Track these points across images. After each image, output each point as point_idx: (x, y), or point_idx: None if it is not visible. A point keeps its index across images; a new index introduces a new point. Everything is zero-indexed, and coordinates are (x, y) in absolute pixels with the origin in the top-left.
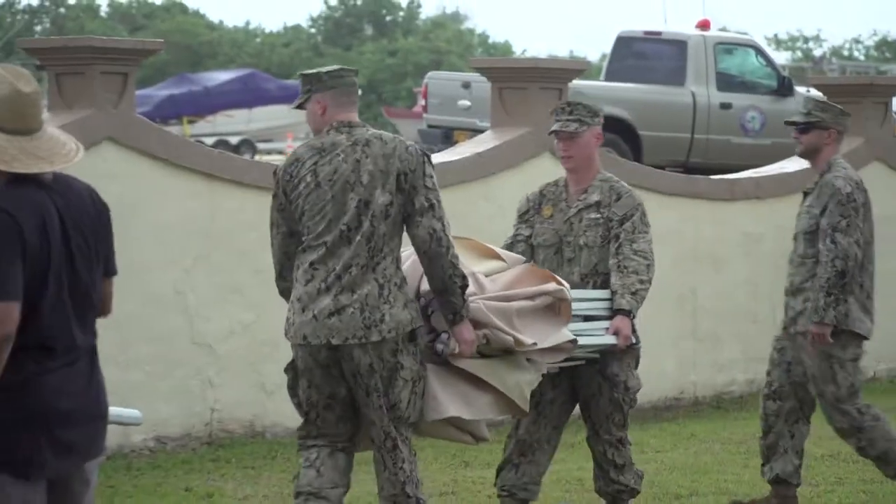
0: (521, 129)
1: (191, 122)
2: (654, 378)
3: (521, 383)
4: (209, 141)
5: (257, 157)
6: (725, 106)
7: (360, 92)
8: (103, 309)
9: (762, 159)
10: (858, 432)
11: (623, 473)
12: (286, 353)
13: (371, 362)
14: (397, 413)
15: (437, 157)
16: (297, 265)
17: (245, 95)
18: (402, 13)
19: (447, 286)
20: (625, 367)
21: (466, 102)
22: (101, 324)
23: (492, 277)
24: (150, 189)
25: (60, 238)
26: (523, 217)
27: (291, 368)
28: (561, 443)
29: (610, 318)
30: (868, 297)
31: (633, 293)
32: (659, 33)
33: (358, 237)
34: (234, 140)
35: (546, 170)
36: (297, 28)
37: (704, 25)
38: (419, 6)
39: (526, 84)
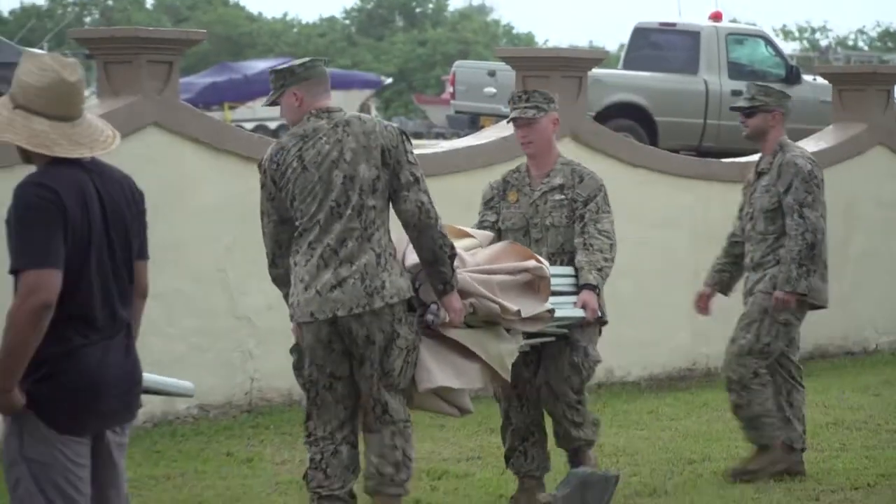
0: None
1: (231, 108)
2: (669, 350)
3: (502, 353)
4: (249, 126)
5: None
6: (736, 93)
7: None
8: (140, 291)
9: None
10: (742, 389)
11: (581, 429)
12: None
13: (367, 334)
14: (389, 380)
15: (465, 141)
16: (296, 250)
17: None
18: (431, 5)
19: (437, 256)
20: (587, 335)
21: (492, 90)
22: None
23: (471, 252)
24: (192, 171)
25: (100, 217)
26: (488, 204)
27: (297, 349)
28: None
29: (576, 293)
30: (825, 267)
31: (599, 269)
32: (674, 25)
33: (348, 211)
34: (272, 125)
35: (565, 154)
36: (331, 19)
37: (717, 17)
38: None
39: (548, 72)
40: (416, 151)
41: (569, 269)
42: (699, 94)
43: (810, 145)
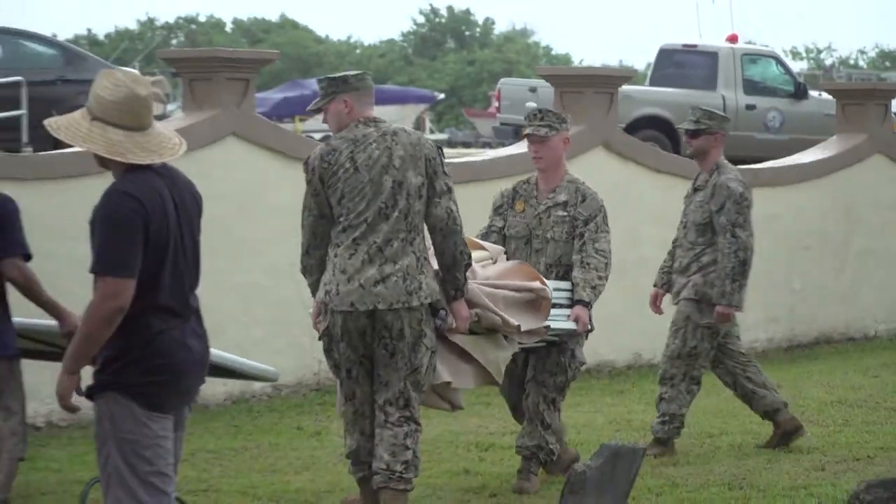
0: (579, 127)
1: (301, 120)
2: None
3: (498, 359)
4: (317, 136)
5: None
6: (750, 107)
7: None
8: None
9: (781, 152)
10: (671, 386)
11: (547, 432)
12: None
13: (402, 327)
14: (416, 377)
15: (509, 150)
16: (337, 243)
17: None
18: (478, 29)
19: (456, 261)
20: (574, 339)
21: (533, 104)
22: (227, 290)
23: (482, 264)
24: (267, 176)
25: (175, 218)
26: (498, 210)
27: (326, 335)
28: (612, 389)
29: (570, 306)
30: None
31: (593, 287)
32: (695, 46)
33: (395, 213)
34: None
35: (597, 162)
36: (390, 41)
37: (733, 39)
38: (493, 23)
39: (582, 89)
40: (465, 159)
41: (566, 284)
42: (717, 108)
43: (816, 154)
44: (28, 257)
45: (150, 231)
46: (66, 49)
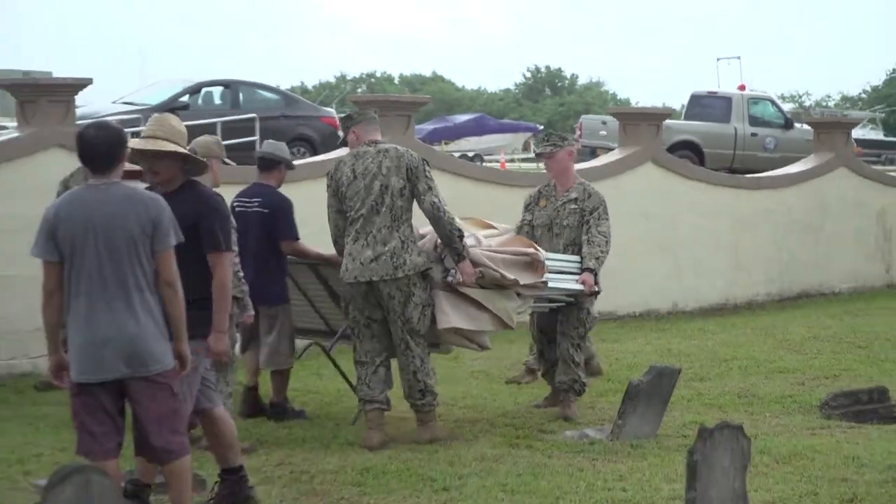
0: (636, 148)
1: (446, 143)
2: (709, 290)
3: (507, 308)
4: (457, 154)
5: (484, 164)
6: (754, 135)
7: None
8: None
9: (775, 166)
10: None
11: (578, 368)
12: None
13: (390, 291)
14: (410, 325)
15: (588, 164)
16: (348, 232)
17: (477, 128)
18: (567, 81)
19: (450, 238)
20: (589, 301)
21: (604, 132)
22: None
23: (486, 235)
24: None
25: None
26: (527, 207)
27: (343, 300)
28: (657, 328)
29: (579, 273)
30: None
31: (597, 258)
32: (715, 92)
33: (383, 209)
34: (470, 154)
35: (648, 173)
36: (507, 90)
37: (741, 88)
38: (577, 77)
39: (638, 122)
40: None
41: (576, 258)
42: (730, 136)
43: (800, 167)
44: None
45: None
46: (285, 95)
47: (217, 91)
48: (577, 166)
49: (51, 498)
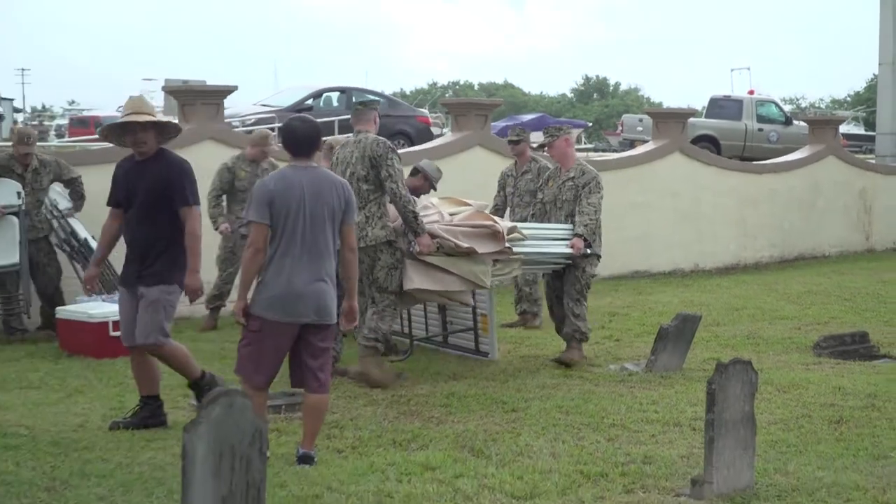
0: (665, 140)
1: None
2: (724, 253)
3: (475, 271)
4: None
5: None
6: (760, 130)
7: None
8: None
9: (778, 155)
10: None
11: (579, 320)
12: None
13: (360, 257)
14: (377, 284)
15: (627, 153)
16: None
17: (539, 125)
18: (611, 87)
19: (406, 217)
20: (587, 262)
21: (641, 128)
22: None
23: (452, 212)
24: (495, 170)
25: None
26: (540, 188)
27: None
28: (683, 284)
29: (570, 238)
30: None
31: (585, 225)
32: (729, 96)
33: (356, 188)
34: (534, 145)
35: (676, 161)
36: (563, 94)
37: (751, 93)
38: (619, 84)
39: (668, 120)
40: (604, 158)
41: (569, 226)
42: (741, 131)
43: (797, 155)
44: None
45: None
46: (388, 98)
47: (335, 95)
48: (621, 155)
49: (203, 415)
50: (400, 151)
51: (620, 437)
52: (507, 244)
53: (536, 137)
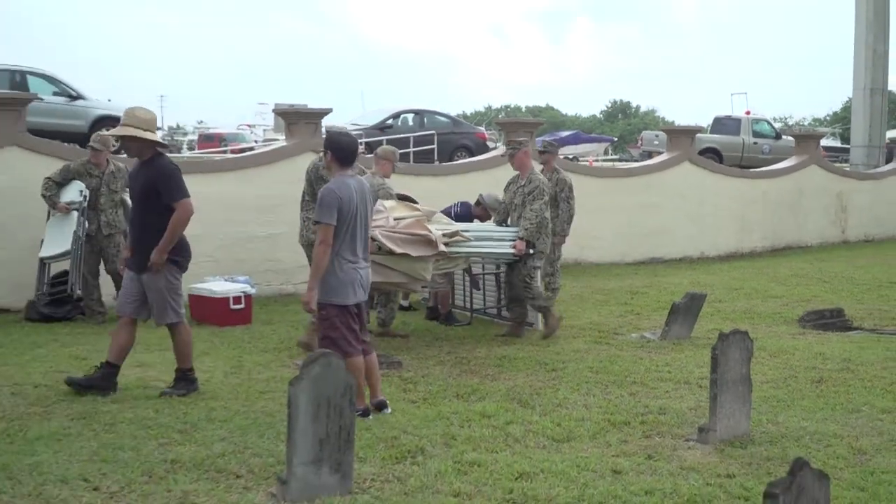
0: (677, 152)
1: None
2: (725, 244)
3: (414, 267)
4: (561, 157)
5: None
6: (755, 143)
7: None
8: None
9: (769, 163)
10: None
11: (534, 300)
12: None
13: (306, 252)
14: None
15: (646, 162)
16: None
17: (574, 140)
18: (632, 109)
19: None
20: (531, 259)
21: (657, 142)
22: None
23: (398, 217)
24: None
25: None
26: (504, 192)
27: None
28: (692, 269)
29: (515, 239)
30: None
31: (526, 229)
32: (730, 116)
33: (303, 201)
34: (570, 156)
35: (686, 170)
36: (593, 115)
37: (748, 113)
38: (639, 106)
39: (679, 135)
40: (627, 166)
41: (515, 229)
42: (740, 144)
43: (785, 164)
44: None
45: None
46: (452, 118)
47: (410, 116)
48: (641, 164)
49: (305, 372)
50: (463, 161)
51: (640, 393)
52: (443, 248)
53: (572, 150)
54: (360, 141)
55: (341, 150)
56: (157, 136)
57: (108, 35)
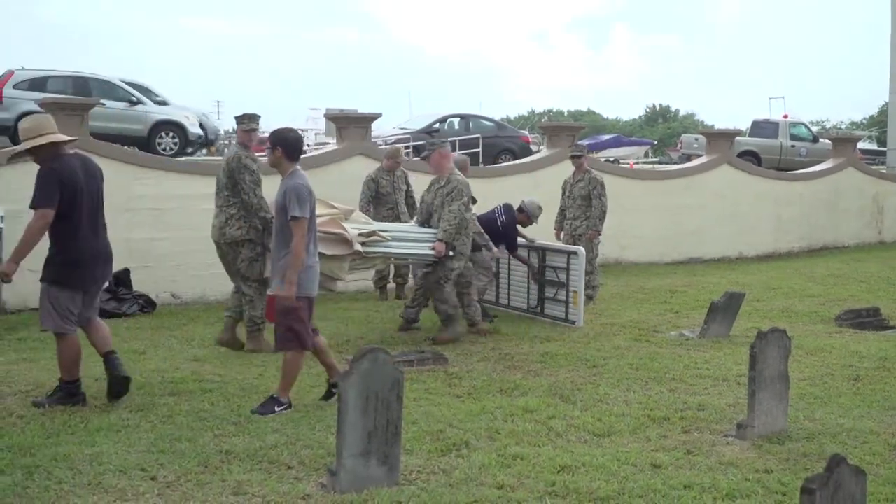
0: (715, 155)
1: (596, 153)
2: (763, 244)
3: (332, 267)
4: (602, 160)
5: (620, 165)
6: (793, 146)
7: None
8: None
9: (806, 166)
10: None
11: (442, 304)
12: None
13: (223, 252)
14: (241, 273)
15: (685, 165)
16: None
17: (615, 143)
18: (672, 113)
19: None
20: (449, 260)
21: (696, 145)
22: None
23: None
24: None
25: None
26: (426, 192)
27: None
28: (726, 267)
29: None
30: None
31: (445, 230)
32: (768, 119)
33: (225, 192)
34: (611, 159)
35: (725, 172)
36: (634, 119)
37: (785, 116)
38: (679, 110)
39: (718, 138)
40: (667, 168)
41: (434, 230)
42: (778, 147)
43: (822, 167)
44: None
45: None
46: (497, 122)
47: (456, 120)
48: (680, 166)
49: (355, 366)
50: (507, 164)
51: (679, 389)
52: (358, 247)
53: (613, 153)
54: (408, 144)
55: (289, 145)
56: (43, 140)
57: (172, 46)
